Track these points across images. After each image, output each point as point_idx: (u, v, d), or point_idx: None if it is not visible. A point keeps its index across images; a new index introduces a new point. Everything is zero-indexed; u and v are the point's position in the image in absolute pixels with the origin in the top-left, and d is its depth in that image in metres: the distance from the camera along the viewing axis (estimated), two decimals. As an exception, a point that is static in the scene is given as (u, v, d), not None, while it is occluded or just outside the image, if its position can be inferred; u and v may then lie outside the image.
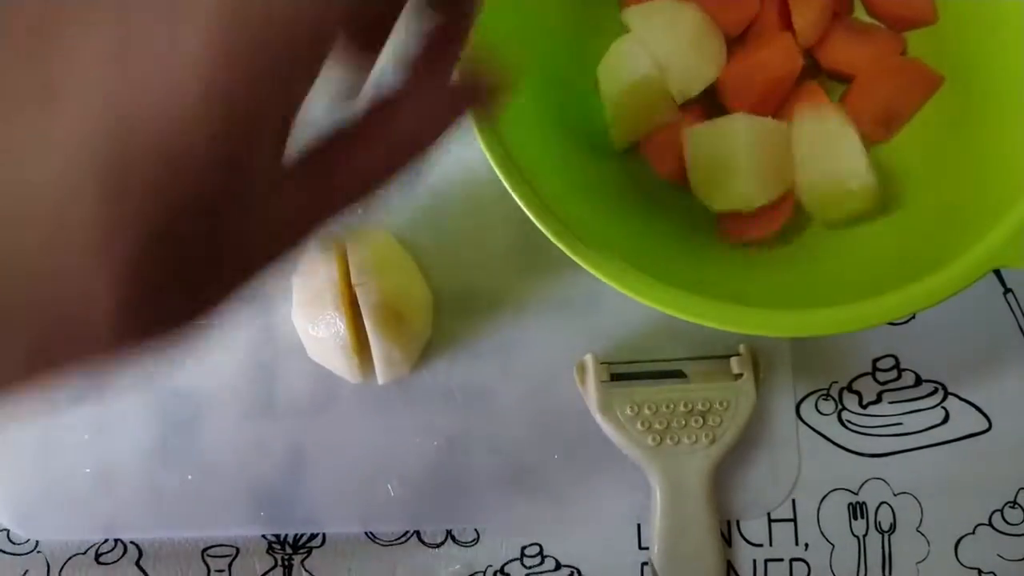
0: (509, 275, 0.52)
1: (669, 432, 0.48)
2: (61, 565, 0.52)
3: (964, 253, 0.39)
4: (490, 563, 0.51)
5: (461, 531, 0.51)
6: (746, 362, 0.50)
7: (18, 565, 0.52)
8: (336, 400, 0.51)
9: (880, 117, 0.48)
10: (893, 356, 0.52)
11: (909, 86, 0.48)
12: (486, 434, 0.51)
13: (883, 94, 0.48)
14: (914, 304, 0.40)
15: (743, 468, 0.51)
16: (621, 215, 0.47)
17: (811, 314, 0.40)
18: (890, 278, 0.42)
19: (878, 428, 0.51)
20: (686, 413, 0.48)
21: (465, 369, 0.51)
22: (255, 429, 0.51)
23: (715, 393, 0.49)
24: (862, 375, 0.52)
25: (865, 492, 0.51)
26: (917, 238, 0.44)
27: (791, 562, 0.51)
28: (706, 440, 0.48)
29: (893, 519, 0.51)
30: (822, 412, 0.52)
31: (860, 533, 0.51)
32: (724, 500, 0.50)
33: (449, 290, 0.52)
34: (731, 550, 0.51)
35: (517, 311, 0.52)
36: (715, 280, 0.46)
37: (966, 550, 0.51)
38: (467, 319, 0.52)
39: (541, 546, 0.51)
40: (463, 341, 0.51)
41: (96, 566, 0.52)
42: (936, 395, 0.52)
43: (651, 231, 0.48)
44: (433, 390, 0.51)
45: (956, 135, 0.46)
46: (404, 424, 0.51)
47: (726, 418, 0.49)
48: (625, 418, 0.49)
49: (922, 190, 0.46)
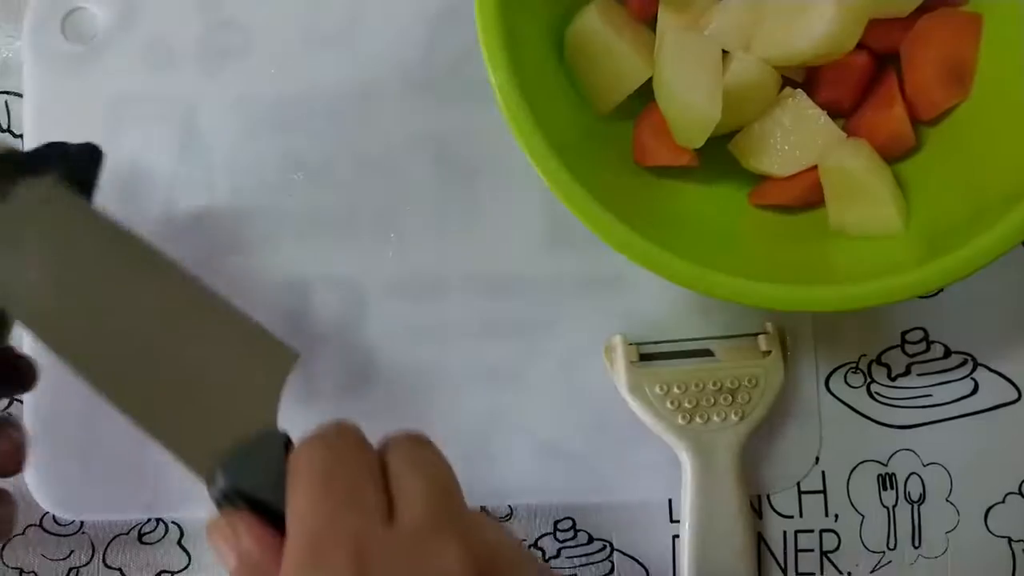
0: (538, 255, 0.52)
1: (698, 410, 0.49)
2: (106, 545, 0.53)
3: (993, 227, 0.39)
4: (523, 538, 0.52)
5: (495, 507, 0.52)
6: (774, 339, 0.50)
7: (64, 545, 0.53)
8: (369, 381, 0.52)
9: (947, 74, 0.46)
10: (922, 329, 0.52)
11: (959, 32, 0.46)
12: (517, 413, 0.51)
13: (939, 51, 0.46)
14: (945, 277, 0.40)
15: (771, 442, 0.51)
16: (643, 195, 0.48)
17: (842, 289, 0.41)
18: (917, 252, 0.43)
19: (907, 400, 0.52)
20: (715, 391, 0.49)
21: (495, 349, 0.52)
22: (291, 409, 0.52)
23: (743, 371, 0.49)
24: (891, 348, 0.52)
25: (894, 463, 0.51)
26: (945, 213, 0.44)
27: (821, 533, 0.51)
28: (735, 417, 0.49)
29: (923, 489, 0.51)
30: (851, 385, 0.52)
31: (890, 504, 0.51)
32: (753, 474, 0.51)
33: (480, 269, 0.52)
34: (761, 522, 0.51)
35: (546, 291, 0.52)
36: (744, 257, 0.47)
37: (996, 519, 0.51)
38: (497, 300, 0.52)
39: (574, 520, 0.52)
40: (493, 322, 0.52)
41: (139, 545, 0.53)
42: (965, 367, 0.52)
43: (675, 207, 0.48)
44: (464, 369, 0.52)
45: (983, 112, 0.46)
46: (436, 405, 0.52)
47: (755, 395, 0.49)
48: (655, 397, 0.49)
49: (949, 167, 0.46)
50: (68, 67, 0.53)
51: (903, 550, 0.51)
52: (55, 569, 0.53)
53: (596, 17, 0.46)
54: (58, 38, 0.54)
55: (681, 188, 0.49)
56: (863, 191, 0.45)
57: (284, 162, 0.53)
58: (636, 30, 0.48)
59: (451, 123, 0.53)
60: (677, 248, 0.41)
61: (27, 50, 0.54)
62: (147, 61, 0.53)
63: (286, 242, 0.52)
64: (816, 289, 0.41)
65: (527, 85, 0.42)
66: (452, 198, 0.52)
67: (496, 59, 0.42)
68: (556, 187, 0.41)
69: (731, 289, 0.41)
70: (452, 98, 0.53)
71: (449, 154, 0.53)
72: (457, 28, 0.53)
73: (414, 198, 0.52)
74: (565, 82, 0.48)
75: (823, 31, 0.43)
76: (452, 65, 0.53)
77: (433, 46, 0.53)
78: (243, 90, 0.53)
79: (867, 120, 0.47)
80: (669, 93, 0.45)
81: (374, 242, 0.52)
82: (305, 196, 0.53)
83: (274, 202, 0.52)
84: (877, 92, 0.47)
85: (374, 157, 0.53)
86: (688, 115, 0.44)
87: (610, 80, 0.47)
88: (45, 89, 0.54)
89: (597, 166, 0.45)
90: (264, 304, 0.52)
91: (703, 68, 0.44)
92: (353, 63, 0.53)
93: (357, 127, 0.53)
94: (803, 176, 0.47)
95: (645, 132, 0.48)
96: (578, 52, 0.47)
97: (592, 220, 0.41)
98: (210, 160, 0.53)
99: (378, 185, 0.52)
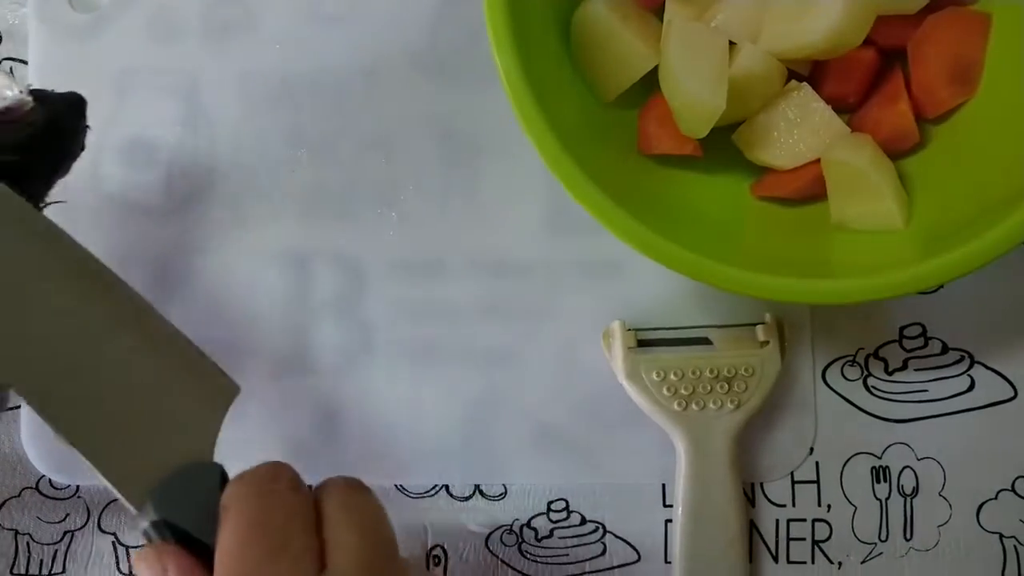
0: (540, 239, 0.52)
1: (695, 397, 0.49)
2: (101, 510, 0.53)
3: (994, 226, 0.39)
4: (517, 517, 0.52)
5: (489, 486, 0.52)
6: (772, 330, 0.50)
7: (60, 508, 0.53)
8: (367, 356, 0.52)
9: (954, 73, 0.46)
10: (920, 324, 0.52)
11: (967, 30, 0.46)
12: (514, 395, 0.52)
13: (946, 50, 0.46)
14: (944, 274, 0.40)
15: (766, 431, 0.51)
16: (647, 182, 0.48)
17: (842, 282, 0.41)
18: (918, 248, 0.43)
19: (903, 394, 0.52)
20: (712, 379, 0.49)
21: (494, 331, 0.52)
22: (288, 384, 0.52)
23: (741, 360, 0.49)
24: (889, 342, 0.52)
25: (889, 456, 0.52)
26: (947, 210, 0.44)
27: (813, 522, 0.52)
28: (731, 406, 0.49)
29: (916, 483, 0.51)
30: (848, 378, 0.52)
31: (882, 496, 0.51)
32: (747, 462, 0.51)
33: (481, 253, 0.52)
34: (754, 510, 0.52)
35: (547, 275, 0.52)
36: (744, 247, 0.47)
37: (988, 515, 0.51)
38: (497, 283, 0.52)
39: (567, 501, 0.52)
40: (492, 304, 0.52)
41: (134, 511, 0.53)
42: (962, 363, 0.52)
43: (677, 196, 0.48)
44: (462, 351, 0.52)
45: (988, 111, 0.46)
46: (433, 382, 0.52)
47: (751, 384, 0.49)
48: (652, 383, 0.49)
49: (953, 164, 0.46)
50: (73, 36, 0.53)
51: (895, 542, 0.51)
52: (51, 531, 0.53)
53: (602, 4, 0.46)
54: (64, 7, 0.53)
55: (684, 177, 0.49)
56: (865, 186, 0.45)
57: (287, 138, 0.53)
58: (643, 18, 0.47)
59: (456, 104, 0.53)
60: (678, 237, 0.41)
61: (33, 18, 0.54)
62: (151, 33, 0.53)
63: (287, 218, 0.52)
64: (816, 282, 0.41)
65: (532, 69, 0.42)
66: (454, 179, 0.52)
67: (502, 42, 0.42)
68: (559, 173, 0.41)
69: (731, 279, 0.41)
70: (457, 79, 0.53)
71: (453, 135, 0.53)
72: (464, 9, 0.53)
73: (416, 178, 0.52)
74: (570, 69, 0.48)
75: (831, 26, 0.42)
76: (458, 46, 0.53)
77: (439, 26, 0.53)
78: (247, 65, 0.53)
79: (872, 115, 0.47)
80: (674, 82, 0.44)
81: (375, 220, 0.52)
82: (307, 173, 0.53)
83: (276, 178, 0.52)
84: (883, 88, 0.47)
85: (377, 136, 0.53)
86: (693, 105, 0.44)
87: (615, 68, 0.47)
88: (49, 57, 0.53)
89: (600, 153, 0.45)
90: (264, 279, 0.52)
91: (709, 59, 0.43)
92: (358, 41, 0.53)
93: (361, 105, 0.53)
94: (806, 169, 0.46)
95: (650, 121, 0.48)
96: (584, 38, 0.47)
97: (594, 207, 0.41)
98: (213, 134, 0.53)
99: (380, 164, 0.52)
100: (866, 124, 0.47)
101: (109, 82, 0.53)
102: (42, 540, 0.53)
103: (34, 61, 0.53)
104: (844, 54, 0.45)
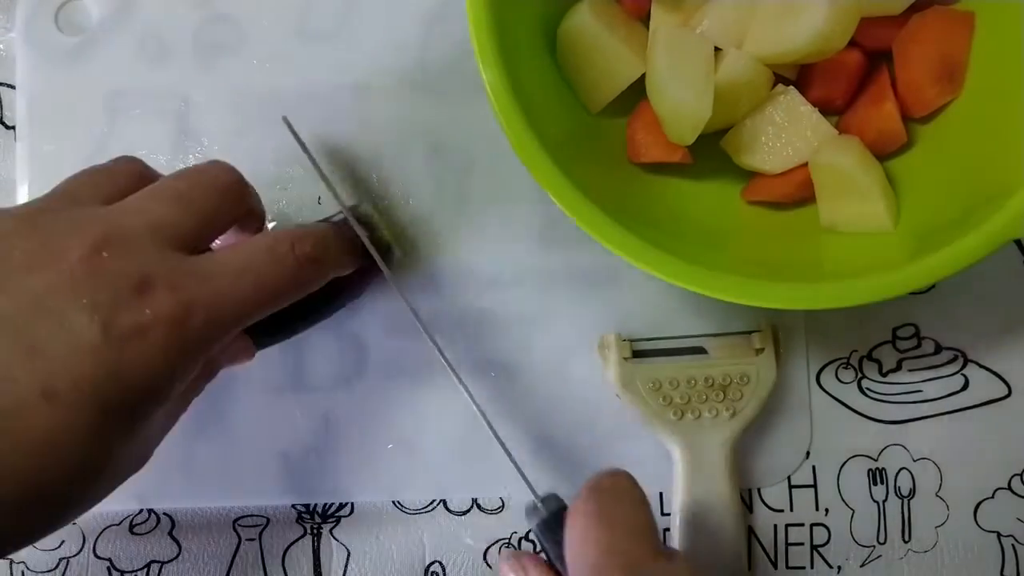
0: (532, 250, 0.52)
1: (690, 407, 0.49)
2: (96, 535, 0.53)
3: (983, 224, 0.39)
4: (515, 530, 0.52)
5: (486, 499, 0.52)
6: (767, 337, 0.50)
7: (55, 535, 0.52)
8: (364, 372, 0.52)
9: (939, 72, 0.46)
10: (913, 325, 0.52)
11: (951, 29, 0.46)
12: (509, 406, 0.52)
13: (931, 49, 0.46)
14: (934, 274, 0.40)
15: (762, 437, 0.51)
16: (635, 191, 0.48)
17: (833, 286, 0.41)
18: (908, 249, 0.43)
19: (898, 396, 0.52)
20: (707, 388, 0.49)
21: (488, 343, 0.52)
22: (285, 401, 0.52)
23: (736, 368, 0.49)
24: (882, 344, 0.52)
25: (885, 458, 0.52)
26: (936, 210, 0.44)
27: (811, 527, 0.52)
28: (727, 414, 0.49)
29: (913, 484, 0.51)
30: (842, 380, 0.52)
31: (880, 498, 0.52)
32: (744, 468, 0.51)
33: (474, 265, 0.52)
34: (752, 516, 0.52)
35: (540, 286, 0.52)
36: (736, 253, 0.47)
37: (985, 514, 0.51)
38: (491, 294, 0.52)
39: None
40: (487, 316, 0.52)
41: (130, 536, 0.53)
42: (956, 363, 0.52)
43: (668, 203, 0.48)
44: (457, 364, 0.52)
45: (974, 110, 0.46)
46: (430, 397, 0.52)
47: (747, 392, 0.49)
48: (647, 393, 0.49)
49: (941, 164, 0.46)
50: (61, 59, 0.53)
51: (893, 544, 0.51)
52: (45, 559, 0.53)
53: (589, 13, 0.46)
54: (52, 30, 0.53)
55: (674, 185, 0.49)
56: (854, 188, 0.45)
57: (278, 156, 0.53)
58: (629, 27, 0.48)
59: (445, 119, 0.53)
60: (670, 245, 0.41)
61: (20, 41, 0.54)
62: (141, 54, 0.53)
63: (280, 235, 0.52)
64: (807, 286, 0.41)
65: (519, 82, 0.42)
66: (446, 193, 0.52)
67: (487, 55, 0.42)
68: (549, 188, 0.41)
69: (723, 287, 0.41)
70: (447, 93, 0.53)
71: (443, 149, 0.53)
72: (452, 23, 0.53)
73: (408, 193, 0.52)
74: (558, 79, 0.48)
75: (815, 29, 0.43)
76: (447, 60, 0.53)
77: (428, 41, 0.53)
78: (237, 84, 0.53)
79: (859, 117, 0.47)
80: (661, 90, 0.45)
81: (368, 235, 0.52)
82: (300, 190, 0.53)
83: (269, 196, 0.52)
84: (869, 89, 0.47)
85: (368, 151, 0.53)
86: (679, 112, 0.44)
87: (603, 77, 0.47)
88: (38, 81, 0.53)
89: (590, 163, 0.45)
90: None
91: (695, 65, 0.44)
92: (348, 58, 0.53)
93: (351, 122, 0.53)
94: (795, 173, 0.47)
95: (638, 129, 0.48)
96: (570, 49, 0.47)
97: (585, 219, 0.41)
98: (204, 154, 0.53)
99: (371, 180, 0.53)
100: (853, 126, 0.47)
101: (99, 104, 0.53)
102: (37, 568, 0.53)
103: (22, 85, 0.53)
104: (829, 57, 0.45)
